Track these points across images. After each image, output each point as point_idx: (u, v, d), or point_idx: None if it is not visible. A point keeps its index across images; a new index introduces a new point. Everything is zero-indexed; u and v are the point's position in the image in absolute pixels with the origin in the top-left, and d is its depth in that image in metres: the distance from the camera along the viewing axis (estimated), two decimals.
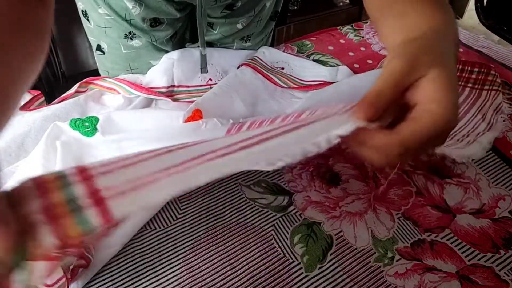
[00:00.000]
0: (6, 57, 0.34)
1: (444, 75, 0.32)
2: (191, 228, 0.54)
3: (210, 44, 0.83)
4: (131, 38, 0.75)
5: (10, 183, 0.54)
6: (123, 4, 0.69)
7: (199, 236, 0.53)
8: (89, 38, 0.80)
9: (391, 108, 0.31)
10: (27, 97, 0.71)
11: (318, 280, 0.49)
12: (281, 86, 0.79)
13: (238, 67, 0.82)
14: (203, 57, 0.76)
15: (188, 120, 0.67)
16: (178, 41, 0.82)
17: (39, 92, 0.72)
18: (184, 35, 0.83)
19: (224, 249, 0.52)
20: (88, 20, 0.76)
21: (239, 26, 0.80)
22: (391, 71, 0.32)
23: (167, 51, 0.79)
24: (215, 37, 0.81)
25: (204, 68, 0.78)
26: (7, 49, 0.34)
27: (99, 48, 0.79)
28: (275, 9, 0.86)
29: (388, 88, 0.31)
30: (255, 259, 0.51)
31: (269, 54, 0.85)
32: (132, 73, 0.79)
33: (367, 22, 1.01)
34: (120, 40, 0.75)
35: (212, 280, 0.48)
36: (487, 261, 0.51)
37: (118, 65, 0.79)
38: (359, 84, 0.72)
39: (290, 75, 0.82)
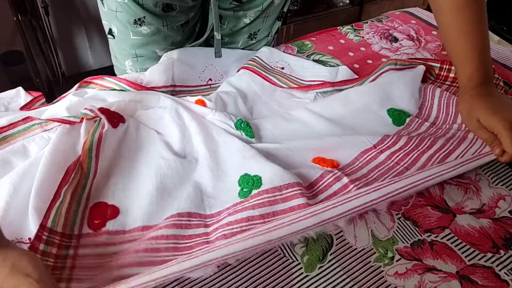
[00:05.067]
0: None
1: (489, 113, 0.61)
2: None
3: (211, 43, 0.83)
4: (140, 25, 0.76)
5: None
6: None
7: None
8: (103, 22, 0.82)
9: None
10: (27, 98, 0.71)
11: (318, 280, 0.49)
12: (280, 87, 0.79)
13: (237, 71, 0.82)
14: (218, 42, 0.77)
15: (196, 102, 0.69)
16: (188, 31, 0.83)
17: (40, 93, 0.72)
18: (194, 27, 0.84)
19: None
20: (102, 4, 0.77)
21: (247, 20, 0.81)
22: (484, 135, 0.62)
23: (174, 40, 0.80)
24: (223, 32, 0.82)
25: (218, 53, 0.79)
26: None
27: (110, 32, 0.80)
28: (282, 9, 0.87)
29: (490, 138, 0.61)
30: (255, 259, 0.51)
31: (269, 54, 0.85)
32: (137, 60, 0.81)
33: (367, 22, 1.01)
34: (129, 26, 0.76)
35: (212, 280, 0.48)
36: (487, 261, 0.51)
37: (124, 51, 0.80)
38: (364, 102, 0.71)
39: (290, 75, 0.82)
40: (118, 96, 0.69)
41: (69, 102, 0.66)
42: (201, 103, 0.69)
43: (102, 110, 0.61)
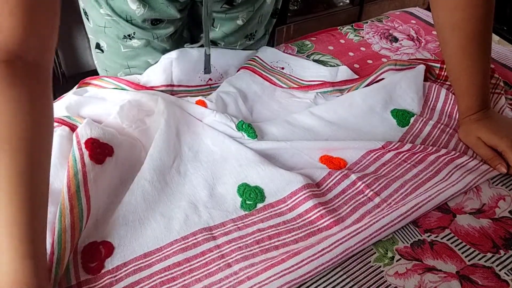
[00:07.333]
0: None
1: (490, 132, 0.64)
2: None
3: (213, 43, 0.83)
4: (130, 39, 0.75)
5: None
6: (125, 6, 0.69)
7: None
8: (89, 36, 0.80)
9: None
10: None
11: (317, 280, 0.49)
12: (280, 87, 0.79)
13: (237, 70, 0.82)
14: (207, 57, 0.76)
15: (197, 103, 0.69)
16: (177, 39, 0.82)
17: None
18: (182, 33, 0.83)
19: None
20: (87, 19, 0.76)
21: (240, 22, 0.80)
22: (484, 152, 0.64)
23: (165, 49, 0.79)
24: (218, 35, 0.81)
25: (207, 69, 0.77)
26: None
27: (98, 46, 0.79)
28: (275, 6, 0.86)
29: (490, 154, 0.63)
30: None
31: (269, 54, 0.85)
32: (130, 71, 0.80)
33: (367, 22, 1.01)
34: (119, 40, 0.75)
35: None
36: (487, 261, 0.51)
37: (116, 63, 0.79)
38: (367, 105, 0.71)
39: (290, 75, 0.82)
40: (118, 96, 0.69)
41: (68, 102, 0.66)
42: (202, 103, 0.69)
43: (87, 144, 0.55)
